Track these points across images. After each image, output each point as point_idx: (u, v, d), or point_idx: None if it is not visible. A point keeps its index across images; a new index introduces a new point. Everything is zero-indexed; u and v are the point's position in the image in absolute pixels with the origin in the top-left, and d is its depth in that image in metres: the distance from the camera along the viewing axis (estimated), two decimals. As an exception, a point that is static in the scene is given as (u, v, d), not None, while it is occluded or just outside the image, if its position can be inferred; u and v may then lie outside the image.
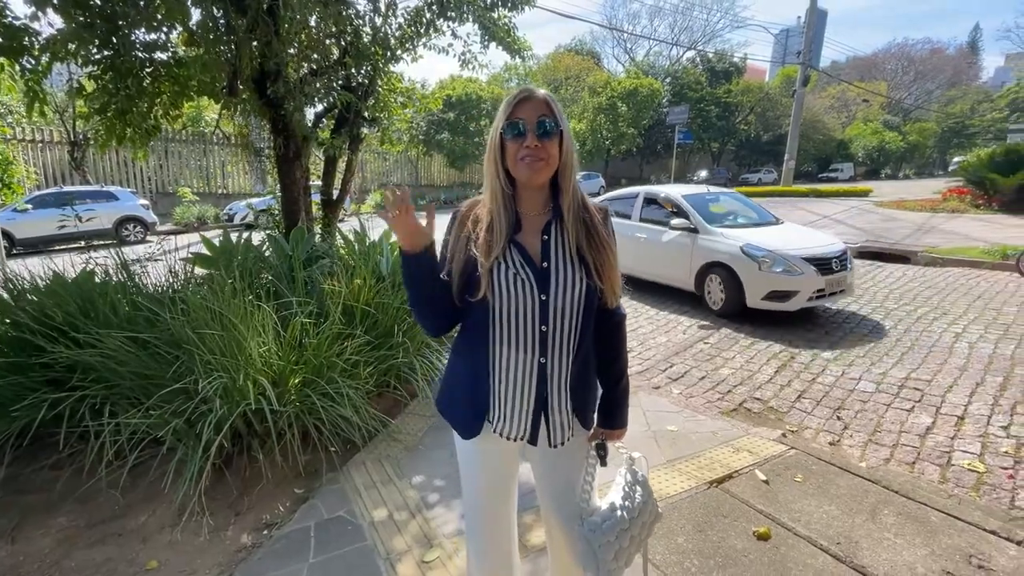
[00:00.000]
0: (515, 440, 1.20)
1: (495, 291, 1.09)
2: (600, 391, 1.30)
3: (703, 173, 34.00)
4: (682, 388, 3.77)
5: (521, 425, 1.18)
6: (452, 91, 24.29)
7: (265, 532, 2.08)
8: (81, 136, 14.09)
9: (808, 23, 20.67)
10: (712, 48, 39.09)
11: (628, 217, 6.55)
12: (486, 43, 5.95)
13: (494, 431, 1.20)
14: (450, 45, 5.88)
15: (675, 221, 5.87)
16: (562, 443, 1.21)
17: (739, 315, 5.26)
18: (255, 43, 4.34)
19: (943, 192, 15.66)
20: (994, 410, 3.21)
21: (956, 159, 28.35)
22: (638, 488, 1.29)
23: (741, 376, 3.92)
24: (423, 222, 1.07)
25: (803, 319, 5.21)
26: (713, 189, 6.91)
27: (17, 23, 3.75)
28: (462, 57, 6.09)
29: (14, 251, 10.71)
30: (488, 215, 1.11)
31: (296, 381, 2.48)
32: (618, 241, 1.22)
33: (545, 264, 1.11)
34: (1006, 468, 2.62)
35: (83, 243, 10.70)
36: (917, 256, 7.90)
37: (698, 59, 37.69)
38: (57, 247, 11.27)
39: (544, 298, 1.10)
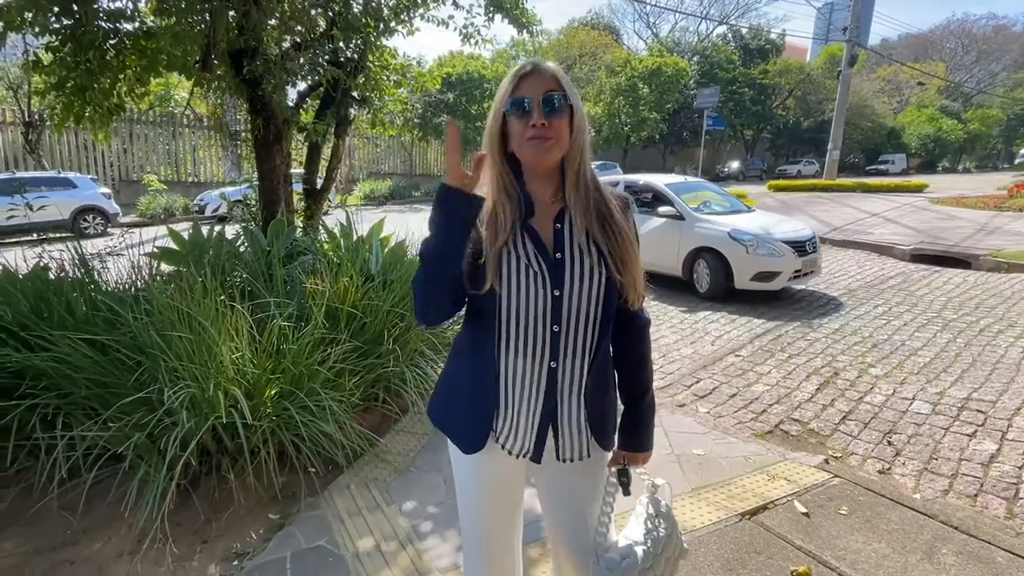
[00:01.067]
0: (519, 456, 1.19)
1: (504, 283, 1.07)
2: (620, 408, 1.29)
3: (735, 164, 33.97)
4: (710, 406, 3.75)
5: (525, 439, 1.17)
6: (452, 69, 24.41)
7: (235, 563, 2.08)
8: (37, 116, 14.24)
9: (856, -5, 20.66)
10: (746, 23, 39.15)
11: None
12: (491, 15, 5.97)
13: (499, 444, 1.18)
14: (450, 17, 5.90)
15: (662, 209, 6.83)
16: (572, 458, 1.19)
17: (724, 297, 6.29)
18: (232, 12, 4.37)
19: (1009, 188, 15.58)
20: (1069, 437, 3.17)
21: (1024, 151, 28.17)
22: (661, 521, 1.28)
23: (777, 394, 3.90)
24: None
25: (847, 331, 5.18)
26: (690, 179, 8.21)
27: (-36, -12, 3.80)
28: (464, 31, 6.10)
29: (-42, 244, 10.82)
30: (491, 201, 1.10)
31: (273, 392, 2.49)
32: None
33: (559, 255, 1.10)
34: (1083, 503, 2.58)
35: (36, 235, 10.80)
36: (979, 260, 7.84)
37: (730, 35, 37.73)
38: (7, 240, 11.38)
39: (557, 294, 1.08)
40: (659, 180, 7.43)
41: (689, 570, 2.00)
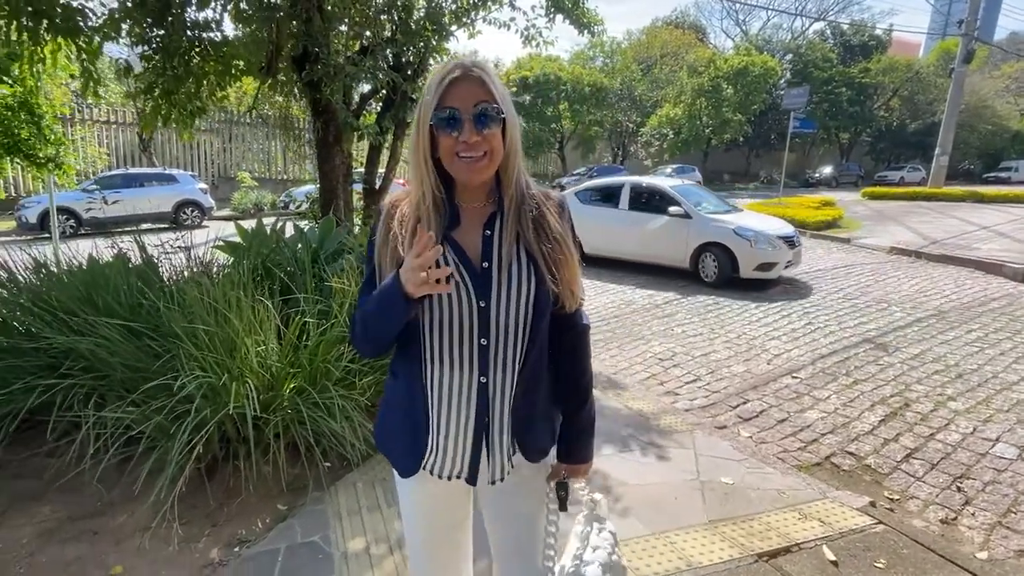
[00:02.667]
0: (451, 478, 1.13)
1: (425, 299, 1.01)
2: (559, 420, 1.22)
3: (827, 169, 31.68)
4: (753, 431, 3.48)
5: (458, 460, 1.12)
6: (529, 71, 24.51)
7: (236, 549, 2.15)
8: (150, 118, 15.74)
9: (976, -16, 18.62)
10: (847, 18, 36.38)
11: (616, 205, 8.31)
12: (552, 16, 5.90)
13: (426, 469, 1.13)
14: (512, 19, 5.89)
15: (672, 208, 7.71)
16: (502, 479, 1.14)
17: (728, 285, 7.15)
18: (294, 21, 4.59)
19: None
20: None
21: None
22: (601, 540, 1.21)
23: (833, 422, 3.55)
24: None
25: (928, 358, 4.63)
26: (687, 181, 9.73)
27: (74, 3, 4.23)
28: (525, 32, 6.08)
29: (81, 231, 12.18)
30: (415, 213, 1.05)
31: (292, 387, 2.56)
32: (606, 226, 1.15)
33: (486, 264, 1.05)
34: None
35: (146, 225, 11.99)
36: (1110, 284, 6.80)
37: (828, 31, 35.23)
38: (119, 229, 12.69)
39: (483, 305, 1.03)
40: (664, 183, 8.54)
41: (684, 612, 1.84)
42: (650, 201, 8.17)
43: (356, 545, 2.13)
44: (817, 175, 31.28)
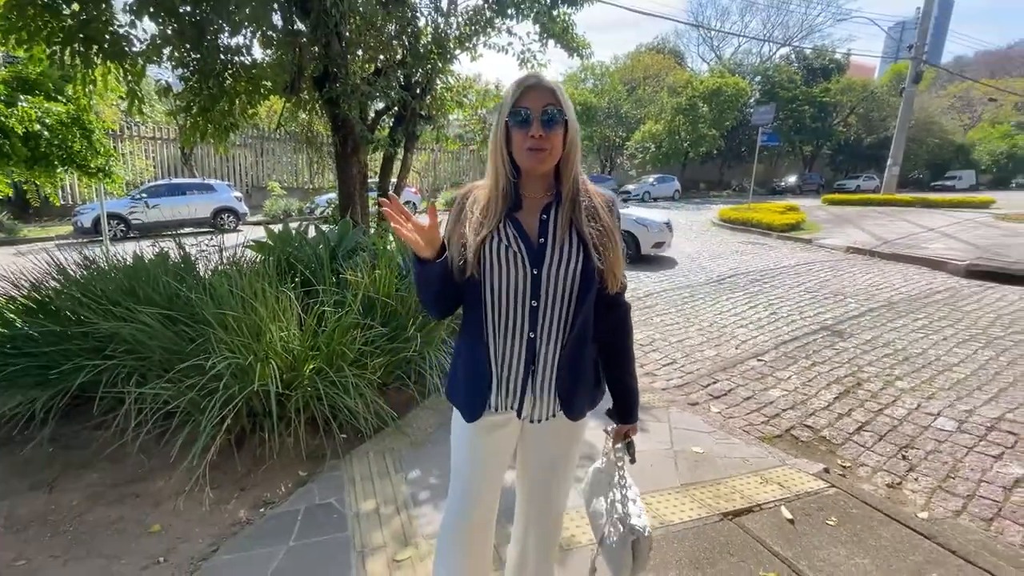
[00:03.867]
0: (507, 410, 1.21)
1: (485, 265, 1.11)
2: (599, 396, 1.29)
3: (791, 178, 31.63)
4: (722, 407, 3.46)
5: (510, 398, 1.19)
6: (527, 92, 24.35)
7: (261, 510, 2.15)
8: (190, 134, 15.72)
9: (924, 11, 18.47)
10: (810, 44, 36.15)
11: None
12: (544, 41, 5.87)
13: (491, 408, 1.21)
14: (509, 44, 5.86)
15: None
16: (541, 418, 1.22)
17: (632, 262, 8.16)
18: (315, 46, 4.57)
19: (1087, 205, 13.35)
20: (1112, 467, 2.64)
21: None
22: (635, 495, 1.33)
23: (793, 399, 3.54)
24: (425, 224, 1.10)
25: (879, 343, 4.62)
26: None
27: (120, 31, 4.21)
28: (521, 56, 6.04)
29: (130, 235, 12.17)
30: (486, 197, 1.13)
31: (311, 367, 2.55)
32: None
33: (542, 240, 1.12)
34: (1116, 540, 2.13)
35: (187, 230, 11.98)
36: (1041, 278, 6.77)
37: (793, 56, 35.01)
38: (164, 232, 12.69)
39: (536, 272, 1.11)
40: None
41: (657, 564, 1.83)
42: None
43: (367, 506, 2.13)
44: (783, 184, 31.20)
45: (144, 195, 12.40)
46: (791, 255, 9.30)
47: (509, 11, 5.47)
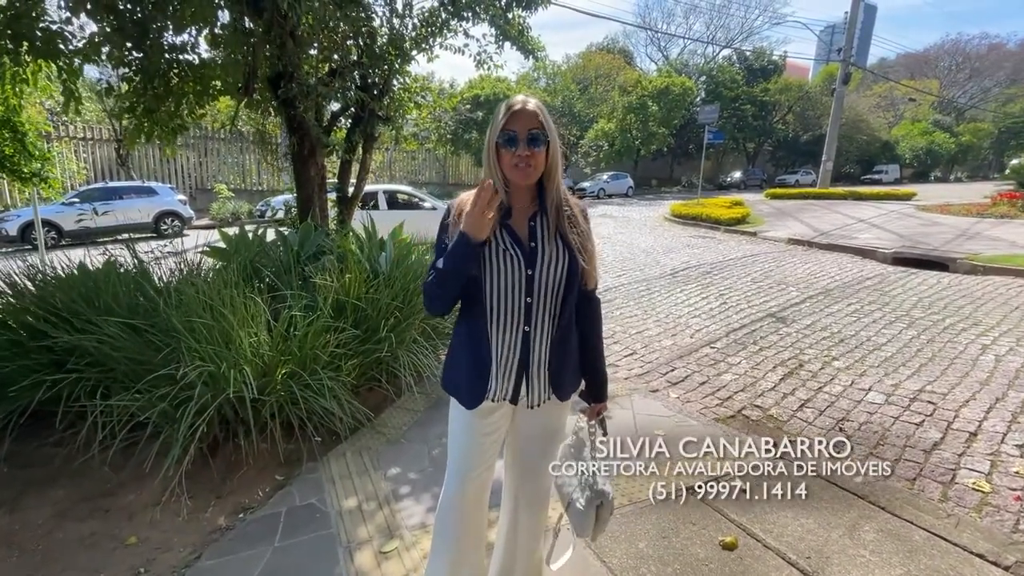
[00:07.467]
0: (502, 399, 1.34)
1: (486, 267, 1.25)
2: (581, 374, 1.44)
3: (736, 174, 33.15)
4: (680, 392, 3.69)
5: (508, 387, 1.33)
6: (481, 90, 24.39)
7: (241, 516, 2.16)
8: (126, 134, 14.86)
9: (851, 18, 19.84)
10: (750, 46, 37.96)
11: (377, 208, 9.46)
12: (500, 43, 5.96)
13: (490, 394, 1.32)
14: (465, 45, 5.91)
15: (426, 204, 9.92)
16: (537, 404, 1.37)
17: None
18: (268, 46, 4.49)
19: (993, 196, 14.77)
20: (1011, 428, 3.02)
21: (1014, 162, 26.62)
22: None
23: (744, 382, 3.82)
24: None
25: (817, 327, 5.02)
26: (405, 187, 11.17)
27: (53, 27, 3.99)
28: (477, 57, 6.12)
29: (62, 242, 11.39)
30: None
31: (284, 372, 2.56)
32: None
33: (533, 244, 1.28)
34: (1015, 489, 2.46)
35: (127, 236, 11.32)
36: (956, 263, 7.49)
37: (735, 57, 36.66)
38: (101, 239, 11.94)
39: (530, 273, 1.26)
40: (409, 188, 10.71)
41: (627, 536, 1.99)
42: (404, 201, 10.07)
43: (349, 503, 2.18)
44: (729, 179, 32.70)
45: (77, 200, 11.63)
46: (738, 248, 9.83)
47: (465, 14, 5.53)
